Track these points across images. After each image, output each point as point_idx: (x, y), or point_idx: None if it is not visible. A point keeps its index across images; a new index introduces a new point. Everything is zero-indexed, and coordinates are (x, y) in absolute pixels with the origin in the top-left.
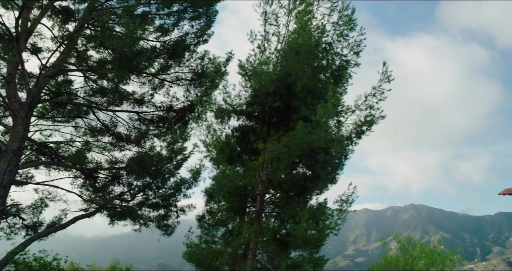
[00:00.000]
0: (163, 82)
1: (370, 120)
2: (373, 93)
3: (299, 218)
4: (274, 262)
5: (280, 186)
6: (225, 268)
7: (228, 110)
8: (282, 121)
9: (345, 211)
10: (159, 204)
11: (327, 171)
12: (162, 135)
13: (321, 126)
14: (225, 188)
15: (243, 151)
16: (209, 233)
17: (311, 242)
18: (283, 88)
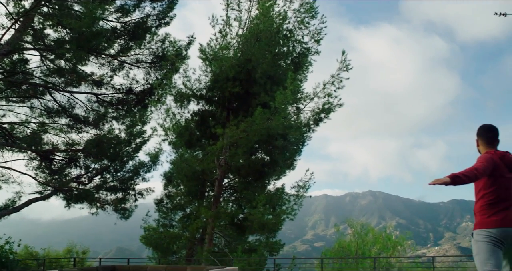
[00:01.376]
0: (123, 64)
1: (328, 107)
2: (332, 81)
3: (256, 203)
4: (232, 246)
5: (238, 171)
6: (182, 251)
7: (188, 94)
8: (242, 106)
9: (301, 196)
10: (117, 187)
11: (285, 157)
12: (121, 118)
13: (279, 112)
14: (183, 172)
15: (202, 135)
16: (167, 217)
17: (268, 226)
18: (243, 74)
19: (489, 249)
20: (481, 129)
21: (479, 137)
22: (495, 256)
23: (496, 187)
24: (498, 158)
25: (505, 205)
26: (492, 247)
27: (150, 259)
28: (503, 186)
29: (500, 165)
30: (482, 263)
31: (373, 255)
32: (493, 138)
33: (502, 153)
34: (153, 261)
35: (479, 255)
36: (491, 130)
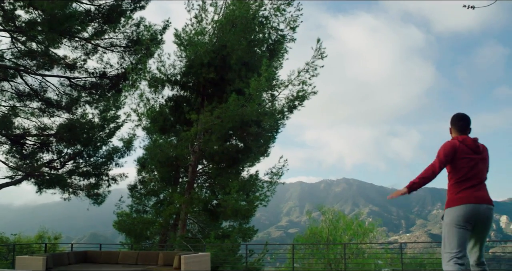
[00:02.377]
0: (97, 47)
1: (302, 95)
2: (307, 69)
3: (230, 189)
4: (205, 232)
5: (211, 158)
6: (155, 237)
7: (162, 80)
8: (216, 92)
9: (275, 183)
10: (90, 172)
11: (259, 144)
12: (95, 102)
13: (254, 99)
14: (157, 158)
15: (176, 121)
16: (140, 203)
17: (241, 212)
18: (218, 60)
19: (455, 233)
20: (454, 118)
21: (452, 125)
22: (460, 242)
23: (461, 167)
24: (460, 142)
25: (472, 183)
26: (458, 230)
27: (122, 245)
28: (468, 166)
29: (462, 148)
30: (446, 247)
31: (344, 241)
32: (465, 126)
33: (464, 138)
34: (125, 246)
35: (446, 239)
36: (463, 118)
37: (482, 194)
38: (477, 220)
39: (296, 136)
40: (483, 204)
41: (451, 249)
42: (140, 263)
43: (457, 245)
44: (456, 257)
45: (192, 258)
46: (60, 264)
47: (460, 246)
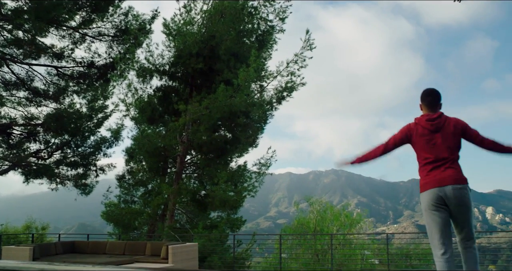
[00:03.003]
0: (85, 36)
1: (291, 86)
2: (295, 60)
3: (218, 179)
4: (193, 222)
5: (200, 148)
6: (144, 228)
7: (151, 70)
8: (205, 83)
9: (263, 174)
10: (78, 162)
11: (247, 135)
12: (82, 92)
13: (242, 90)
14: (145, 148)
15: (164, 111)
16: (128, 193)
17: (229, 203)
18: (206, 50)
19: (431, 220)
20: (422, 94)
21: (421, 102)
22: (437, 228)
23: (421, 150)
24: (416, 124)
25: (434, 165)
26: (433, 217)
27: (110, 235)
28: (427, 147)
29: (418, 129)
30: (429, 237)
31: (331, 232)
32: (434, 102)
33: (421, 118)
34: (113, 237)
35: (427, 227)
36: (431, 94)
37: (446, 175)
38: (448, 202)
39: (285, 127)
40: (448, 185)
41: (433, 240)
42: (128, 253)
43: (437, 232)
44: (440, 252)
45: (180, 248)
46: (47, 254)
47: (439, 233)
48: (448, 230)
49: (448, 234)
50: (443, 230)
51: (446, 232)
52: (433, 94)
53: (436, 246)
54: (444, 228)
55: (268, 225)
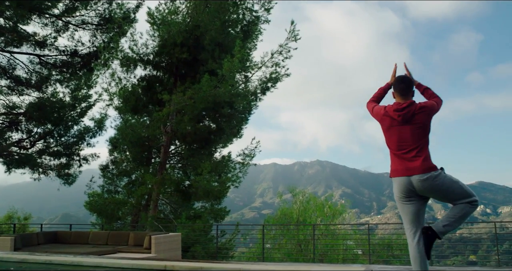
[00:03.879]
0: (68, 25)
1: (275, 77)
2: (280, 51)
3: (201, 170)
4: (177, 212)
5: (184, 138)
6: (127, 218)
7: (135, 59)
8: (189, 73)
9: (247, 164)
10: (61, 152)
11: (231, 125)
12: (66, 81)
13: (226, 80)
14: (129, 138)
15: (148, 101)
16: (112, 183)
17: (213, 193)
18: (191, 40)
19: (401, 208)
20: (395, 81)
21: (394, 89)
22: (409, 217)
23: (389, 139)
24: (389, 110)
25: (402, 153)
26: (403, 205)
27: (93, 225)
28: (395, 137)
29: (385, 119)
30: (403, 223)
31: (314, 222)
32: (406, 89)
33: (396, 105)
34: (96, 227)
35: (401, 215)
36: (403, 81)
37: (413, 165)
38: (418, 191)
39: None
40: (414, 175)
41: (405, 228)
42: (111, 243)
43: (408, 220)
44: (411, 239)
45: (163, 238)
46: (29, 244)
47: (410, 224)
48: (420, 219)
49: (420, 223)
50: (414, 219)
51: (417, 221)
52: (406, 81)
53: (408, 235)
54: (415, 218)
55: (253, 216)
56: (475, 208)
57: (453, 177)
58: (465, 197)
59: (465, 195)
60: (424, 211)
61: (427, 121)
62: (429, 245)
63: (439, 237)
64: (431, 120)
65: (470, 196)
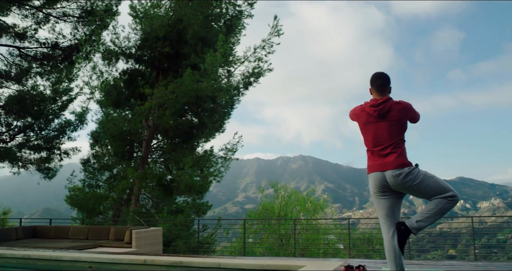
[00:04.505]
0: (49, 17)
1: (258, 72)
2: (263, 45)
3: (183, 164)
4: (159, 207)
5: (166, 133)
6: (109, 212)
7: (116, 52)
8: (172, 67)
9: (229, 159)
10: (41, 146)
11: (213, 120)
12: (46, 74)
13: (209, 74)
14: (110, 132)
15: (130, 95)
16: (93, 177)
17: (195, 188)
18: (174, 34)
19: (376, 203)
20: (371, 77)
21: (371, 85)
22: (383, 212)
23: (366, 134)
24: (361, 109)
25: (378, 150)
26: (378, 200)
27: (74, 220)
28: (371, 133)
29: (363, 115)
30: (379, 220)
31: (295, 217)
32: (383, 85)
33: (372, 101)
34: (77, 221)
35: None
36: (380, 77)
37: (387, 161)
38: (392, 187)
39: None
40: (387, 170)
41: (381, 222)
42: (91, 238)
43: (383, 215)
44: (385, 234)
45: (144, 233)
46: (7, 239)
47: (385, 218)
48: (395, 214)
49: (395, 218)
50: (389, 214)
51: (392, 216)
52: (383, 77)
53: (383, 229)
54: (390, 213)
55: (236, 210)
56: (453, 203)
57: (428, 173)
58: (441, 192)
59: (441, 190)
60: (400, 207)
61: (403, 119)
62: (403, 240)
63: (413, 233)
64: (407, 119)
65: (447, 191)
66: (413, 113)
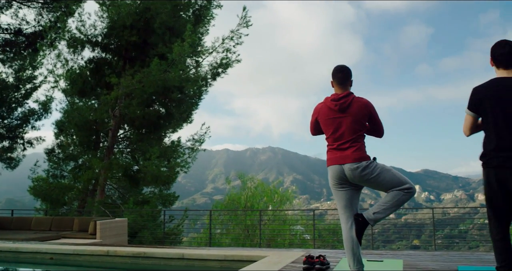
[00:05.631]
0: (11, 2)
1: (226, 63)
2: (231, 36)
3: (150, 155)
4: (126, 198)
5: (133, 123)
6: (74, 203)
7: (82, 40)
8: (139, 56)
9: (196, 150)
10: (4, 135)
11: (181, 110)
12: (9, 61)
13: (176, 64)
14: (75, 121)
15: (97, 84)
16: (58, 168)
17: (161, 179)
18: (141, 23)
19: (335, 194)
20: (333, 70)
21: (332, 78)
22: (342, 204)
23: (327, 129)
24: (322, 104)
25: (338, 143)
26: (336, 192)
27: (37, 211)
28: (332, 127)
29: (324, 110)
30: (338, 211)
31: (261, 208)
32: (343, 78)
33: (333, 95)
34: (40, 212)
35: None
36: (341, 70)
37: (345, 154)
38: (350, 180)
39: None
40: (346, 163)
41: (339, 213)
42: (54, 229)
43: (341, 207)
44: (344, 224)
45: (108, 223)
46: None
47: (343, 209)
48: (354, 206)
49: (353, 209)
50: (347, 206)
51: (350, 208)
52: (344, 70)
53: (342, 220)
54: (348, 204)
55: (205, 201)
56: (410, 195)
57: (386, 166)
58: (397, 185)
59: (398, 183)
60: (358, 199)
61: (363, 115)
62: (360, 231)
63: (370, 224)
64: (367, 116)
65: (403, 184)
66: (375, 117)
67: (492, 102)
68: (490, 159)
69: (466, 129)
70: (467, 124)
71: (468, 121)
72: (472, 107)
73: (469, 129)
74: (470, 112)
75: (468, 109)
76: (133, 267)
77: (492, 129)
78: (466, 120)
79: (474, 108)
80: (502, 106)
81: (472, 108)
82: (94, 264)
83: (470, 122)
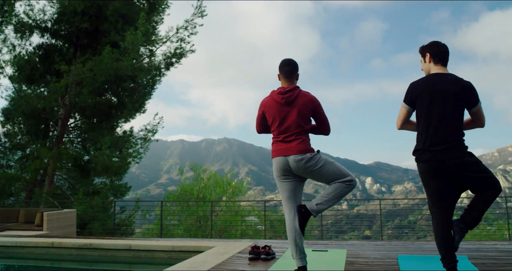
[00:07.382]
0: None
1: (180, 52)
2: (185, 26)
3: (101, 144)
4: (76, 188)
5: (83, 112)
6: (21, 194)
7: (30, 25)
8: (91, 44)
9: (149, 140)
10: None
11: (133, 100)
12: None
13: (129, 53)
14: (22, 109)
15: (46, 71)
16: (4, 157)
17: (112, 169)
18: (93, 9)
19: (279, 186)
20: (280, 63)
21: (279, 71)
22: (285, 195)
23: (272, 121)
24: (269, 98)
25: (283, 136)
26: (280, 183)
27: None
28: (277, 120)
29: (270, 103)
30: (282, 201)
31: (213, 199)
32: (290, 72)
33: (280, 89)
34: None
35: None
36: (288, 64)
37: (290, 146)
38: (294, 171)
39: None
40: (290, 155)
41: (283, 204)
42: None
43: (285, 198)
44: (287, 215)
45: (56, 215)
46: None
47: (287, 200)
48: (297, 197)
49: (296, 201)
50: (291, 197)
51: (293, 199)
52: (291, 64)
53: (286, 211)
54: (292, 195)
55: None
56: (351, 187)
57: (328, 159)
58: (340, 177)
59: (340, 175)
60: (302, 190)
61: (309, 109)
62: (303, 221)
63: (313, 215)
64: (311, 111)
65: (345, 176)
66: (321, 113)
67: (428, 96)
68: (422, 153)
69: (399, 121)
70: (400, 117)
71: (402, 113)
72: (408, 100)
73: (402, 121)
74: (406, 105)
75: (404, 102)
76: (79, 259)
77: (426, 124)
78: (400, 112)
79: (410, 102)
80: (437, 101)
81: (409, 102)
82: (39, 256)
83: (404, 115)
